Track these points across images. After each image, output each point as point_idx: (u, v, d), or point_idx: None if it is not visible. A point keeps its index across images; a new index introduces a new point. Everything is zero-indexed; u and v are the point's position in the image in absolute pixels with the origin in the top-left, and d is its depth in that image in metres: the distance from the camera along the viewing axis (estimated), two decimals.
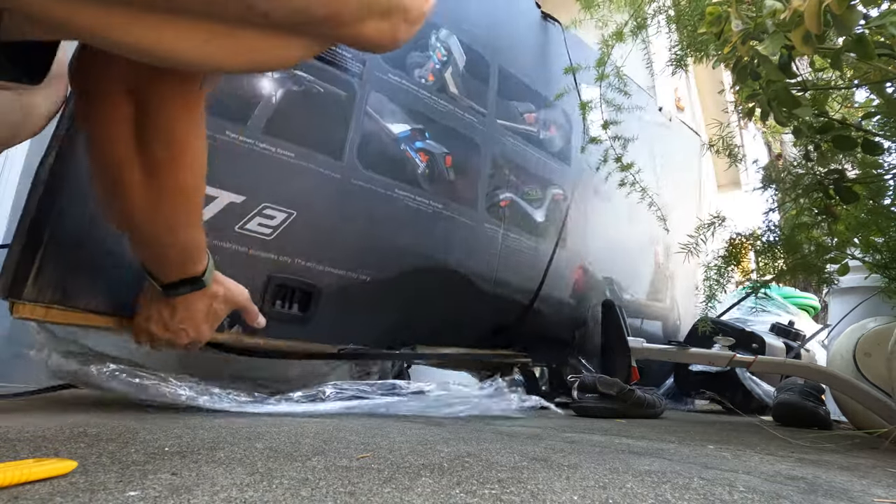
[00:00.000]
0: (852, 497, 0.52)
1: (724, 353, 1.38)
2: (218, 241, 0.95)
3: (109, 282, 0.86)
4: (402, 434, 0.76)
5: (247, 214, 0.98)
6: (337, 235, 1.11)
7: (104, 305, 0.86)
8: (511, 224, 1.48)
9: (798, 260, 1.26)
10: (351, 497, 0.41)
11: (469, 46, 1.42)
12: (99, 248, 0.85)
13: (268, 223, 1.01)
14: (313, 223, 1.07)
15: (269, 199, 1.01)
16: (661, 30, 1.52)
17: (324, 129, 1.10)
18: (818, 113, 1.09)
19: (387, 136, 1.21)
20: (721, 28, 0.89)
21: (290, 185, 1.04)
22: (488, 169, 1.43)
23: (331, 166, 1.10)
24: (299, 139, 1.05)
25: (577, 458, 0.64)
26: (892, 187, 1.18)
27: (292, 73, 1.05)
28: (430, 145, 1.30)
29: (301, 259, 1.06)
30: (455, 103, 1.36)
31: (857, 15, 0.68)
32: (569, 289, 1.69)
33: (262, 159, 1.00)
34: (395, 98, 1.23)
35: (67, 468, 0.43)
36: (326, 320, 1.10)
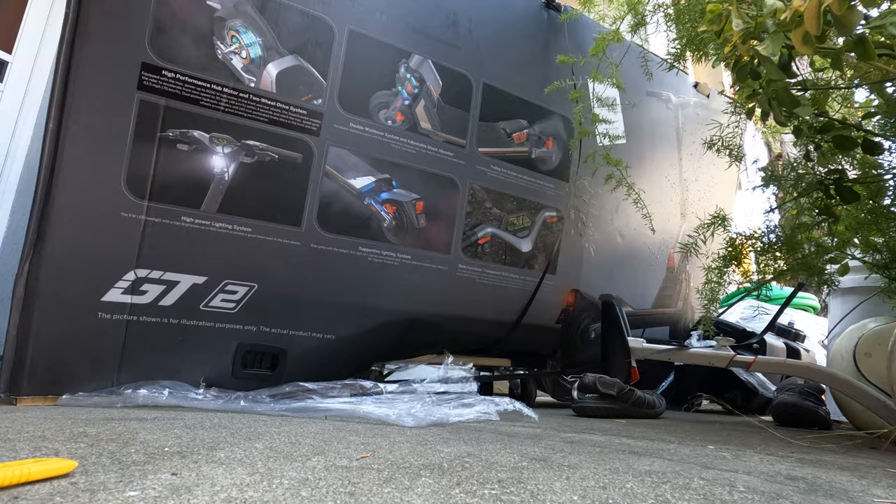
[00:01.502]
0: (852, 497, 0.52)
1: (724, 352, 1.38)
2: (185, 320, 1.00)
3: (91, 372, 0.94)
4: (402, 434, 0.76)
5: (210, 293, 1.03)
6: (300, 300, 1.12)
7: (90, 390, 0.94)
8: (491, 260, 1.41)
9: (798, 260, 1.26)
10: (351, 497, 0.41)
11: (446, 67, 1.32)
12: (77, 346, 0.93)
13: (231, 298, 1.05)
14: (275, 292, 1.09)
15: (230, 275, 1.04)
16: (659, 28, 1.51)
17: (280, 197, 1.10)
18: (818, 113, 1.09)
19: (348, 193, 1.18)
20: (721, 27, 0.89)
21: (250, 259, 1.06)
22: (466, 207, 1.36)
23: (289, 234, 1.10)
24: (255, 213, 1.06)
25: (577, 458, 0.64)
26: (892, 187, 1.18)
27: (244, 144, 1.05)
28: (398, 194, 1.25)
29: (266, 326, 1.09)
30: (428, 140, 1.29)
31: (858, 15, 0.68)
32: (555, 314, 1.61)
33: (220, 238, 1.03)
34: (358, 148, 1.18)
35: (67, 468, 0.43)
36: (297, 376, 1.11)
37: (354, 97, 1.18)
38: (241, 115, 1.05)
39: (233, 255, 1.04)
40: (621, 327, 1.52)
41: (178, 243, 0.99)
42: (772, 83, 0.88)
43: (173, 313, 1.00)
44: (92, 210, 0.92)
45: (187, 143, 1.00)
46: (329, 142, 1.14)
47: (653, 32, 1.58)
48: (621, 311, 1.56)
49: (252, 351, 1.07)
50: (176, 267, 0.99)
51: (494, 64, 1.42)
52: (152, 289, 0.97)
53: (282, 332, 1.10)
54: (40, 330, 0.89)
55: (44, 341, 0.89)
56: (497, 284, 1.43)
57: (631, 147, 1.65)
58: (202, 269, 1.01)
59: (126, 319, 0.96)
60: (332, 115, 1.15)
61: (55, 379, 0.91)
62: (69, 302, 0.91)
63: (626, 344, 1.47)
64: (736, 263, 1.31)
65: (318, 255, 1.13)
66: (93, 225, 0.93)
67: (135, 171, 0.95)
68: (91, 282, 0.93)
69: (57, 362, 0.91)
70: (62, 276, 0.91)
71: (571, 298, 1.66)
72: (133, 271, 0.96)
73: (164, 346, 0.99)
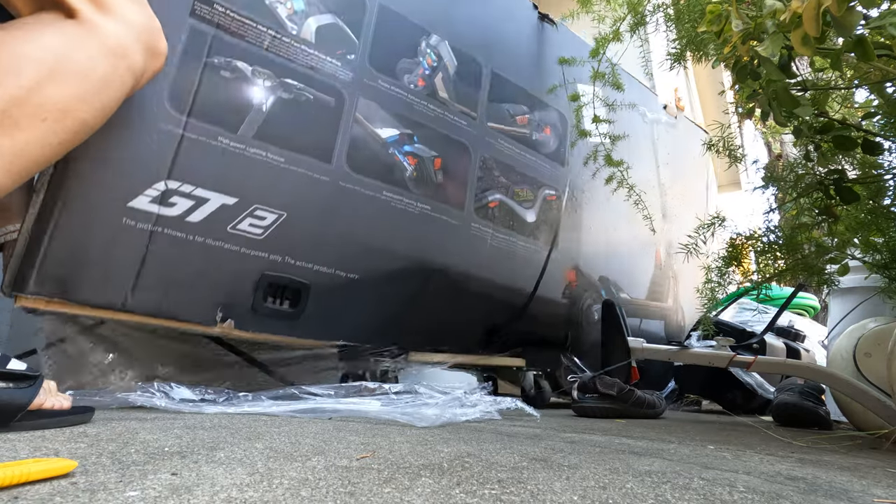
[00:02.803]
0: (852, 497, 0.52)
1: (724, 353, 1.38)
2: (211, 240, 0.99)
3: (104, 279, 0.90)
4: (402, 434, 0.76)
5: (239, 216, 1.02)
6: (326, 236, 1.14)
7: (99, 300, 0.90)
8: (500, 225, 1.50)
9: (798, 260, 1.26)
10: (351, 497, 0.41)
11: (461, 51, 1.46)
12: (95, 248, 0.89)
13: (259, 224, 1.05)
14: (303, 224, 1.11)
15: (260, 200, 1.05)
16: (659, 28, 1.52)
17: (313, 134, 1.14)
18: (818, 113, 1.09)
19: (375, 141, 1.24)
20: (721, 27, 0.89)
21: (281, 188, 1.07)
22: (477, 171, 1.46)
23: (320, 170, 1.13)
24: (289, 144, 1.09)
25: (577, 458, 0.64)
26: (892, 187, 1.18)
27: (282, 81, 1.09)
28: (419, 149, 1.33)
29: (291, 258, 1.09)
30: (445, 108, 1.40)
31: (857, 16, 0.68)
32: (561, 289, 1.70)
33: (253, 163, 1.04)
34: (384, 104, 1.26)
35: (67, 468, 0.43)
36: (316, 318, 1.13)
37: (382, 59, 1.27)
38: (282, 56, 1.10)
39: (264, 182, 1.06)
40: (621, 328, 1.52)
41: (211, 162, 0.99)
42: (772, 83, 0.88)
43: (200, 231, 0.98)
44: (131, 117, 0.93)
45: (230, 71, 1.04)
46: (359, 93, 1.22)
47: (653, 32, 1.58)
48: (621, 312, 1.56)
49: (274, 284, 1.06)
50: (207, 184, 0.98)
51: (501, 56, 1.57)
52: (181, 202, 0.96)
53: (307, 266, 1.11)
54: (58, 227, 0.85)
55: (59, 240, 0.85)
56: (506, 249, 1.51)
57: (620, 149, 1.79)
58: (233, 191, 1.02)
59: (150, 230, 0.93)
60: (363, 70, 1.23)
61: (65, 282, 0.86)
62: (94, 203, 0.89)
63: (626, 344, 1.48)
64: (736, 263, 1.31)
65: (345, 193, 1.17)
66: (129, 131, 0.93)
67: (178, 88, 0.97)
68: (119, 185, 0.91)
69: (70, 265, 0.87)
70: (90, 175, 0.88)
71: (573, 275, 1.73)
72: (164, 182, 0.95)
73: (187, 263, 0.97)
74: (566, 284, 1.71)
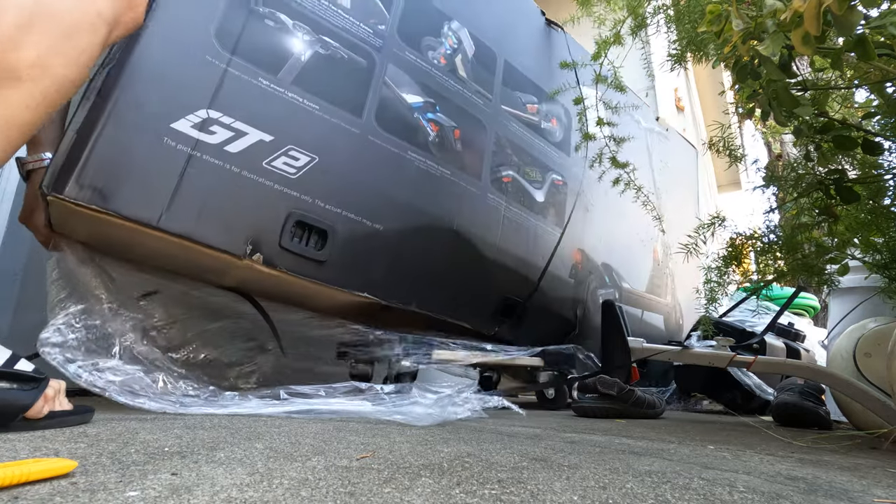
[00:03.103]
0: (852, 497, 0.52)
1: (724, 353, 1.38)
2: (247, 172, 1.04)
3: (141, 194, 0.93)
4: (402, 434, 0.76)
5: (274, 153, 1.08)
6: (354, 184, 1.20)
7: (134, 213, 0.92)
8: (512, 199, 1.57)
9: (798, 260, 1.25)
10: (351, 497, 0.41)
11: (478, 39, 1.58)
12: (135, 162, 0.92)
13: (293, 163, 1.11)
14: (334, 170, 1.17)
15: (295, 142, 1.11)
16: (659, 30, 1.53)
17: (345, 89, 1.22)
18: (818, 113, 1.09)
19: (401, 104, 1.33)
20: (721, 27, 0.89)
21: (314, 133, 1.14)
22: (492, 146, 1.54)
23: (351, 122, 1.21)
24: (323, 94, 1.17)
25: (577, 458, 0.64)
26: (892, 187, 1.18)
27: (320, 38, 1.19)
28: (440, 118, 1.41)
29: (321, 201, 1.14)
30: (464, 85, 1.50)
31: (858, 16, 0.68)
32: (569, 269, 1.77)
33: (290, 106, 1.11)
34: (411, 73, 1.36)
35: (67, 468, 0.43)
36: (341, 265, 1.17)
37: (409, 34, 1.38)
38: (321, 16, 1.19)
39: (299, 125, 1.12)
40: (621, 328, 1.52)
41: (252, 99, 1.05)
42: (772, 83, 0.88)
43: (237, 161, 1.02)
44: (181, 45, 0.98)
45: (273, 21, 1.11)
46: (388, 60, 1.30)
47: (653, 34, 1.58)
48: (622, 312, 1.56)
49: (301, 223, 1.10)
50: (247, 119, 1.04)
51: (513, 49, 1.69)
52: (221, 132, 1.01)
53: (335, 211, 1.15)
54: (101, 136, 0.88)
55: (102, 148, 0.88)
56: (518, 222, 1.58)
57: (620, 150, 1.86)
58: (270, 129, 1.07)
59: (189, 153, 0.96)
60: (392, 41, 1.34)
61: (103, 189, 0.88)
62: (137, 119, 0.91)
63: (626, 344, 1.48)
64: (736, 264, 1.31)
65: (373, 148, 1.24)
66: (178, 58, 0.97)
67: (225, 27, 1.03)
68: (164, 106, 0.94)
69: (110, 173, 0.89)
70: (137, 92, 0.92)
71: (579, 256, 1.80)
72: (206, 110, 0.99)
73: (221, 191, 1.00)
74: (573, 265, 1.78)
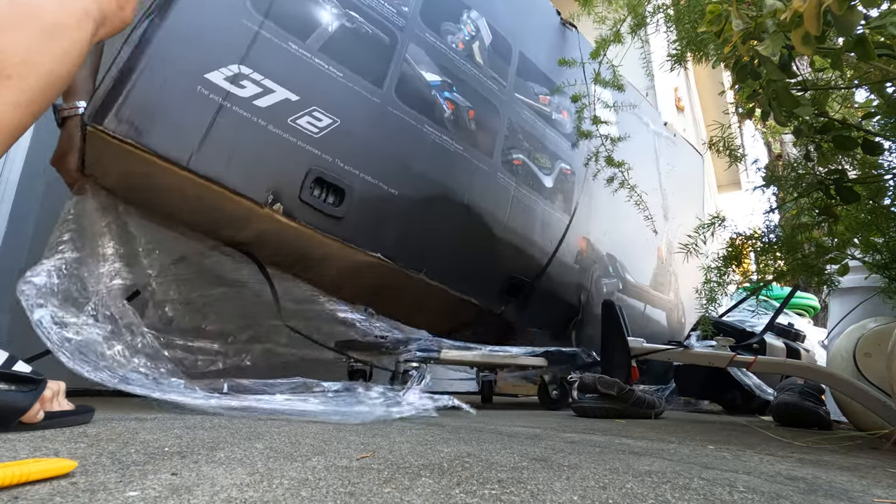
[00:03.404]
0: (852, 497, 0.52)
1: (724, 353, 1.38)
2: (273, 127, 1.11)
3: (174, 135, 0.98)
4: (402, 434, 0.76)
5: (298, 111, 1.15)
6: (373, 149, 1.27)
7: (167, 151, 0.98)
8: (522, 182, 1.62)
9: (798, 260, 1.25)
10: (351, 497, 0.41)
11: (495, 29, 1.65)
12: (171, 106, 0.98)
13: (316, 123, 1.17)
14: (354, 133, 1.23)
15: (319, 104, 1.18)
16: (659, 29, 1.53)
17: (369, 61, 1.29)
18: (818, 113, 1.09)
19: (420, 81, 1.40)
20: (721, 27, 0.89)
21: (337, 98, 1.21)
22: (504, 130, 1.60)
23: (372, 91, 1.28)
24: (348, 63, 1.23)
25: (577, 458, 0.64)
26: (892, 187, 1.18)
27: (346, 12, 1.27)
28: (457, 98, 1.48)
29: (341, 161, 1.21)
30: (480, 70, 1.57)
31: (858, 16, 0.68)
32: (574, 255, 1.81)
33: (316, 71, 1.18)
34: (430, 53, 1.43)
35: (67, 468, 0.43)
36: (357, 224, 1.22)
37: (431, 17, 1.46)
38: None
39: (324, 89, 1.19)
40: (621, 328, 1.52)
41: (281, 60, 1.12)
42: (772, 83, 0.88)
43: (264, 115, 1.09)
44: (217, 5, 1.05)
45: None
46: (410, 39, 1.38)
47: (653, 34, 1.58)
48: (621, 312, 1.56)
49: (320, 179, 1.16)
50: (275, 78, 1.11)
51: (528, 42, 1.76)
52: (251, 87, 1.08)
53: (353, 172, 1.21)
54: (141, 78, 0.94)
55: (142, 87, 0.94)
56: (526, 204, 1.62)
57: (626, 148, 1.89)
58: (296, 89, 1.14)
59: (220, 103, 1.03)
60: (414, 22, 1.41)
61: (139, 125, 0.94)
62: (175, 66, 0.98)
63: (626, 344, 1.48)
64: (736, 264, 1.31)
65: (391, 117, 1.31)
66: (215, 16, 1.05)
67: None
68: (200, 57, 1.02)
69: (147, 112, 0.95)
70: (177, 41, 0.99)
71: (584, 244, 1.84)
72: (238, 65, 1.06)
73: (248, 141, 1.07)
74: (578, 252, 1.81)
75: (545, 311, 1.66)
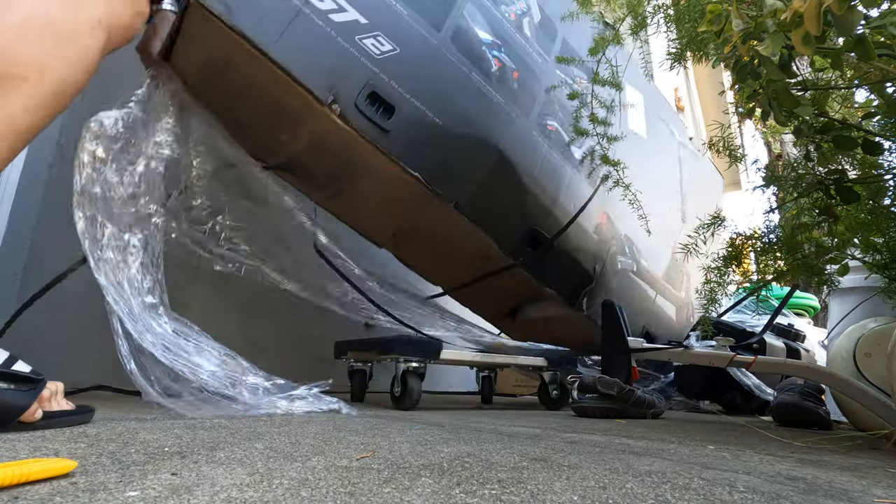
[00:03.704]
0: (852, 497, 0.52)
1: (724, 353, 1.38)
2: (341, 40, 1.23)
3: (260, 22, 1.09)
4: (402, 434, 0.76)
5: (365, 33, 1.27)
6: (424, 80, 1.38)
7: (251, 34, 1.08)
8: (553, 146, 1.70)
9: (798, 260, 1.25)
10: (351, 497, 0.41)
11: (544, 12, 1.76)
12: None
13: (378, 47, 1.30)
14: (410, 62, 1.34)
15: (383, 31, 1.30)
16: (659, 28, 1.53)
17: (431, 8, 1.42)
18: (818, 113, 1.09)
19: (473, 35, 1.52)
20: (721, 27, 0.89)
21: (400, 31, 1.33)
22: (543, 97, 1.69)
23: (431, 33, 1.40)
24: (412, 4, 1.36)
25: (577, 458, 0.64)
26: (892, 187, 1.18)
27: None
28: (503, 57, 1.59)
29: (395, 83, 1.31)
30: (527, 41, 1.68)
31: (858, 16, 0.68)
32: (594, 226, 1.85)
33: (384, 4, 1.31)
34: (485, 15, 1.56)
35: (67, 468, 0.43)
36: (403, 142, 1.32)
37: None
38: None
39: (389, 20, 1.31)
40: (622, 328, 1.52)
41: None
42: (772, 83, 0.88)
43: (335, 28, 1.21)
44: None
45: None
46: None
47: (653, 33, 1.58)
48: (621, 312, 1.57)
49: (374, 94, 1.26)
50: (350, 1, 1.24)
51: (572, 31, 1.86)
52: (328, 2, 1.20)
53: (405, 95, 1.32)
54: None
55: None
56: (555, 165, 1.69)
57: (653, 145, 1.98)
58: (366, 15, 1.26)
59: (300, 8, 1.15)
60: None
61: (233, 7, 1.05)
62: None
63: (626, 344, 1.48)
64: (736, 264, 1.31)
65: (445, 60, 1.43)
66: None
67: None
68: None
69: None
70: None
71: (604, 219, 1.89)
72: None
73: (319, 45, 1.18)
74: (597, 224, 1.86)
75: (560, 272, 1.71)
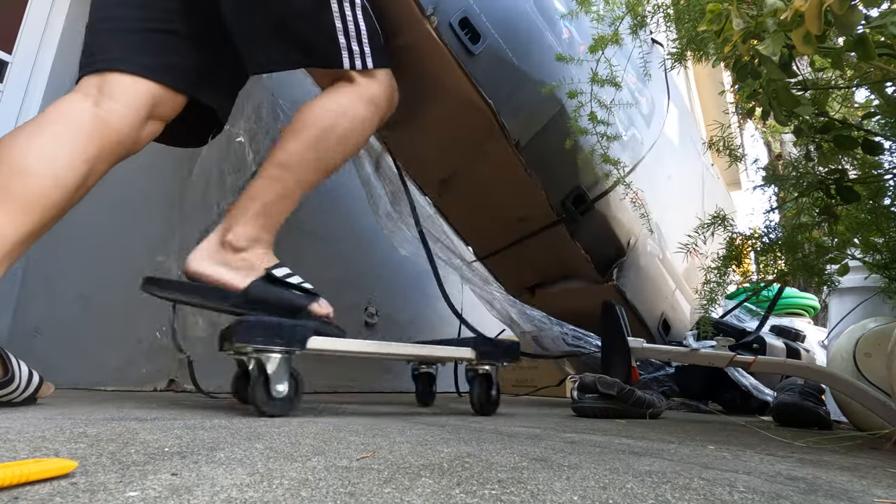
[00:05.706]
0: (852, 497, 0.52)
1: (724, 353, 1.38)
2: None
3: None
4: (402, 434, 0.76)
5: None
6: (508, 23, 1.49)
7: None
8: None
9: (798, 260, 1.25)
10: (351, 497, 0.41)
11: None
12: None
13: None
14: (501, 7, 1.47)
15: None
16: (658, 28, 1.53)
17: None
18: (818, 113, 1.09)
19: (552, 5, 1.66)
20: (721, 26, 0.89)
21: None
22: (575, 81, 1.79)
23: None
24: None
25: (577, 458, 0.64)
26: (892, 187, 1.18)
27: None
28: (573, 30, 1.74)
29: (485, 17, 1.41)
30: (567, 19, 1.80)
31: (859, 15, 0.68)
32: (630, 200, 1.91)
33: None
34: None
35: (67, 468, 0.43)
36: (482, 68, 1.41)
37: None
38: None
39: None
40: (622, 328, 1.52)
41: None
42: (772, 83, 0.88)
43: None
44: None
45: None
46: None
47: (653, 33, 1.58)
48: (622, 313, 1.56)
49: (466, 20, 1.37)
50: None
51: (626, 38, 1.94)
52: None
53: (492, 30, 1.43)
54: None
55: None
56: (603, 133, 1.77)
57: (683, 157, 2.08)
58: None
59: None
60: None
61: None
62: None
63: (627, 344, 1.48)
64: (735, 263, 1.31)
65: (526, 16, 1.56)
66: None
67: None
68: None
69: None
70: None
71: (642, 197, 1.93)
72: None
73: None
74: (634, 200, 1.90)
75: (595, 239, 1.76)
